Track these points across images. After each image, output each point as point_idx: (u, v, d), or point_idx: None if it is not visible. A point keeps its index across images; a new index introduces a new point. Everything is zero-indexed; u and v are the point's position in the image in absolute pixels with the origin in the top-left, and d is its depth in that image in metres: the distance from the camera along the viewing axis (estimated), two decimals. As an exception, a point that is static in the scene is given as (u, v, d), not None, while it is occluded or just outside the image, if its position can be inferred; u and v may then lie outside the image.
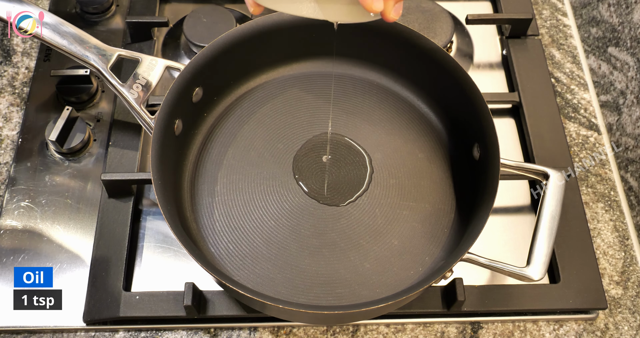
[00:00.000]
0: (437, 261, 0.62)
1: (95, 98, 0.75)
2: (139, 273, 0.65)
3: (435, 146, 0.69)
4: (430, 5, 0.80)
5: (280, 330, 0.64)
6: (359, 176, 0.67)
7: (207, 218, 0.64)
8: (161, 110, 0.60)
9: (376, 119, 0.71)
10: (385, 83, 0.73)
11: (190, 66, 0.63)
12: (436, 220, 0.65)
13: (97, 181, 0.70)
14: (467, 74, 0.63)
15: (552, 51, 0.83)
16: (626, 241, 0.70)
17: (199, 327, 0.63)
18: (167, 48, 0.81)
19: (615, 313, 0.66)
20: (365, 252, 0.63)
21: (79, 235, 0.67)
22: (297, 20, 0.67)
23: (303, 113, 0.71)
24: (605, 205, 0.72)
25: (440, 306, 0.63)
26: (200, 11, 0.79)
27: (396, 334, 0.64)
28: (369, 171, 0.67)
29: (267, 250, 0.63)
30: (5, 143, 0.73)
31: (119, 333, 0.63)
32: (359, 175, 0.67)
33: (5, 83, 0.77)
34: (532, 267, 0.56)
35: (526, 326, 0.65)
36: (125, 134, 0.71)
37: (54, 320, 0.62)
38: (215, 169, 0.67)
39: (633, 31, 0.77)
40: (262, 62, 0.72)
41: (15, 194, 0.69)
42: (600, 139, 0.77)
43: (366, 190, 0.66)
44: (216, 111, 0.70)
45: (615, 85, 0.80)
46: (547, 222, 0.59)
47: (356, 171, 0.67)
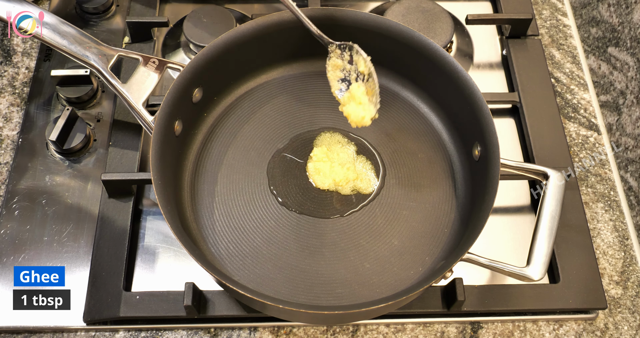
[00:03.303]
0: (437, 261, 0.62)
1: (95, 98, 0.75)
2: (139, 273, 0.65)
3: (435, 146, 0.69)
4: (430, 5, 0.80)
5: (280, 330, 0.64)
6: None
7: (207, 218, 0.64)
8: (161, 110, 0.60)
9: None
10: (385, 83, 0.73)
11: (190, 66, 0.63)
12: (436, 220, 0.65)
13: (97, 181, 0.70)
14: (467, 74, 0.63)
15: (552, 51, 0.83)
16: (626, 241, 0.70)
17: (199, 327, 0.63)
18: (167, 48, 0.81)
19: (615, 313, 0.66)
20: (365, 252, 0.63)
21: (79, 235, 0.67)
22: (297, 20, 0.67)
23: (303, 113, 0.71)
24: (605, 205, 0.72)
25: (440, 306, 0.63)
26: (200, 11, 0.79)
27: (396, 334, 0.64)
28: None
29: (267, 250, 0.63)
30: (5, 143, 0.73)
31: (119, 333, 0.63)
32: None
33: (5, 83, 0.77)
34: (532, 267, 0.56)
35: (526, 326, 0.65)
36: (125, 134, 0.71)
37: (54, 320, 0.62)
38: (215, 169, 0.67)
39: (633, 31, 0.77)
40: (262, 62, 0.72)
41: (15, 194, 0.69)
42: (600, 139, 0.77)
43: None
44: (216, 111, 0.70)
45: (615, 85, 0.80)
46: (547, 222, 0.59)
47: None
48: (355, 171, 0.67)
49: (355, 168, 0.67)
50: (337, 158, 0.68)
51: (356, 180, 0.67)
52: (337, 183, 0.66)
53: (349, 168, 0.67)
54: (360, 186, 0.67)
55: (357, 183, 0.67)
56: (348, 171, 0.67)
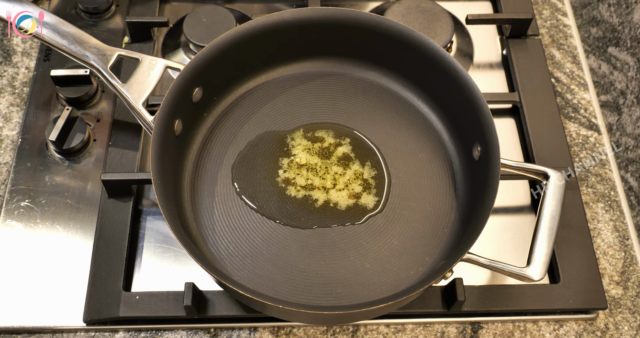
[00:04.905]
0: (437, 261, 0.62)
1: (95, 98, 0.75)
2: (139, 273, 0.65)
3: (435, 146, 0.69)
4: (430, 5, 0.80)
5: (280, 330, 0.64)
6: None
7: (207, 218, 0.64)
8: (161, 110, 0.60)
9: (376, 120, 0.71)
10: (385, 83, 0.73)
11: (190, 66, 0.63)
12: (436, 220, 0.65)
13: (97, 181, 0.70)
14: (467, 74, 0.63)
15: (552, 51, 0.83)
16: (626, 241, 0.70)
17: (199, 327, 0.63)
18: (167, 48, 0.81)
19: (615, 313, 0.66)
20: (365, 252, 0.63)
21: (79, 235, 0.67)
22: (297, 20, 0.67)
23: (303, 113, 0.71)
24: (605, 205, 0.72)
25: (440, 306, 0.63)
26: (200, 11, 0.79)
27: (396, 334, 0.64)
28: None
29: (267, 250, 0.63)
30: (5, 143, 0.73)
31: (119, 333, 0.63)
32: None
33: (5, 83, 0.77)
34: (532, 267, 0.56)
35: (526, 326, 0.65)
36: (125, 134, 0.71)
37: (53, 320, 0.62)
38: (215, 169, 0.67)
39: (633, 31, 0.77)
40: (263, 62, 0.72)
41: (15, 194, 0.69)
42: (600, 139, 0.77)
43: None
44: (216, 111, 0.70)
45: (615, 85, 0.80)
46: (547, 222, 0.59)
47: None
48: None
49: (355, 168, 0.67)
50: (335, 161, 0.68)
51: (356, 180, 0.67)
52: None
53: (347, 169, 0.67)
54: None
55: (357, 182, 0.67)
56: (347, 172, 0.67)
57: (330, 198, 0.65)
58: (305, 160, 0.67)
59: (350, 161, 0.68)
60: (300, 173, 0.66)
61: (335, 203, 0.65)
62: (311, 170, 0.67)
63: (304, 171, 0.67)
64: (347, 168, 0.67)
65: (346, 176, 0.67)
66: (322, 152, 0.68)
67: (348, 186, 0.66)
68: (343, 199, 0.65)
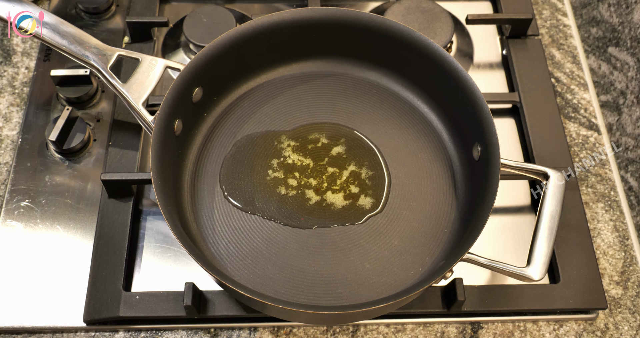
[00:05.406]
0: (437, 261, 0.62)
1: (95, 98, 0.75)
2: (139, 273, 0.65)
3: (435, 146, 0.69)
4: (430, 5, 0.80)
5: (280, 330, 0.64)
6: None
7: (207, 218, 0.64)
8: (161, 110, 0.60)
9: (376, 120, 0.71)
10: (385, 83, 0.73)
11: (190, 66, 0.63)
12: (436, 220, 0.65)
13: (97, 181, 0.70)
14: (467, 74, 0.63)
15: (552, 51, 0.83)
16: (626, 241, 0.70)
17: (199, 327, 0.63)
18: (167, 48, 0.81)
19: (615, 313, 0.66)
20: (365, 252, 0.63)
21: (79, 235, 0.67)
22: (297, 20, 0.67)
23: (303, 113, 0.71)
24: (605, 205, 0.72)
25: (440, 306, 0.63)
26: (200, 11, 0.79)
27: (396, 334, 0.64)
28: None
29: (267, 250, 0.63)
30: (5, 143, 0.73)
31: (119, 333, 0.63)
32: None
33: (5, 83, 0.77)
34: (532, 267, 0.56)
35: (526, 326, 0.65)
36: (125, 134, 0.71)
37: (53, 320, 0.62)
38: (215, 169, 0.67)
39: (633, 31, 0.77)
40: (262, 62, 0.72)
41: (15, 194, 0.69)
42: (600, 139, 0.77)
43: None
44: (216, 111, 0.70)
45: (615, 85, 0.80)
46: (547, 222, 0.59)
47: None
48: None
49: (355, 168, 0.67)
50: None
51: (356, 180, 0.67)
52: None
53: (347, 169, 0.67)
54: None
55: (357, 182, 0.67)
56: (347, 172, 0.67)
57: (327, 197, 0.65)
58: (303, 160, 0.67)
59: (350, 161, 0.68)
60: (298, 173, 0.66)
61: (333, 203, 0.65)
62: (310, 170, 0.67)
63: (303, 172, 0.67)
64: (345, 168, 0.67)
65: (344, 176, 0.67)
66: (321, 152, 0.68)
67: (348, 186, 0.66)
68: (339, 200, 0.65)
